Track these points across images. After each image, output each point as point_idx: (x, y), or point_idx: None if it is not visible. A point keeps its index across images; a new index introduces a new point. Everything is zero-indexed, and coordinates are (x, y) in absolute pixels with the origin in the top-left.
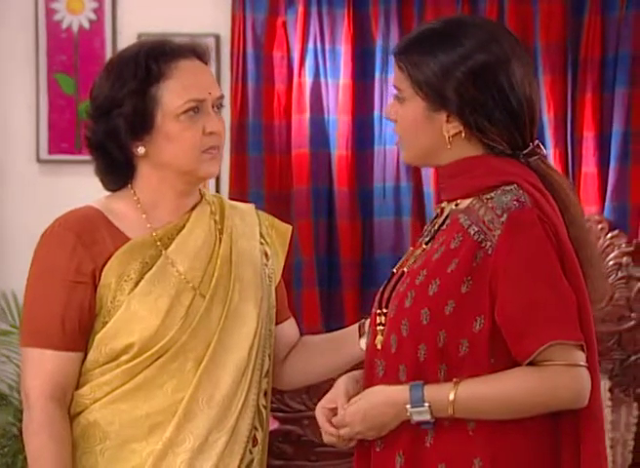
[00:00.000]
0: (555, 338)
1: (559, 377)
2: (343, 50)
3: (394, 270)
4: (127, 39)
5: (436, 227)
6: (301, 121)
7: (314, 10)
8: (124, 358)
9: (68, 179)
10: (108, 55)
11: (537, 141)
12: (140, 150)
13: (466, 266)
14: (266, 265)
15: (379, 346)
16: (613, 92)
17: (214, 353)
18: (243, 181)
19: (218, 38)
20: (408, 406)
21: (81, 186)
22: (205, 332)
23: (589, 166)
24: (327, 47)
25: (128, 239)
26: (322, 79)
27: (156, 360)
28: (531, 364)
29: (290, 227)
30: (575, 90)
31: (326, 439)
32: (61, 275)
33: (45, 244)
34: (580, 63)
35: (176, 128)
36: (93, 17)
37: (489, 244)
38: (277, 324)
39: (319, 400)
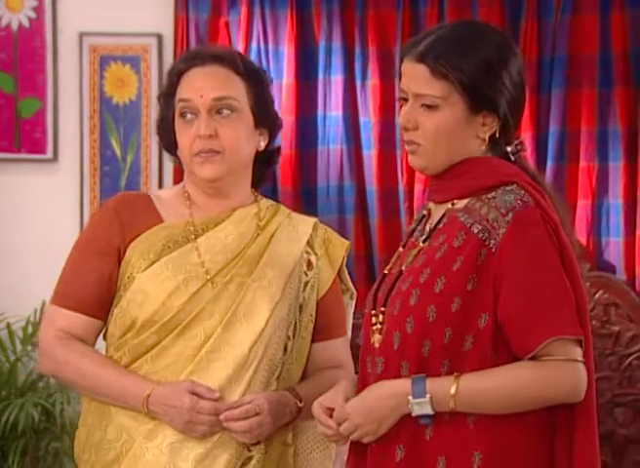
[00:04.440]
0: (556, 334)
1: (558, 372)
2: (287, 50)
3: (386, 271)
4: (68, 38)
5: (432, 226)
6: None
7: (257, 11)
8: (129, 335)
9: (8, 178)
10: (49, 53)
11: (520, 138)
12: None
13: (471, 264)
14: (306, 274)
15: (376, 345)
16: (549, 93)
17: (214, 345)
18: None
19: (160, 38)
20: (410, 397)
21: (20, 184)
22: (208, 323)
23: None
24: (270, 47)
25: (163, 222)
26: None
27: (157, 343)
28: (531, 358)
29: (346, 243)
30: None
31: (321, 429)
32: (92, 245)
33: (90, 220)
34: None
35: (177, 129)
36: (32, 15)
37: (493, 242)
38: (314, 341)
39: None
